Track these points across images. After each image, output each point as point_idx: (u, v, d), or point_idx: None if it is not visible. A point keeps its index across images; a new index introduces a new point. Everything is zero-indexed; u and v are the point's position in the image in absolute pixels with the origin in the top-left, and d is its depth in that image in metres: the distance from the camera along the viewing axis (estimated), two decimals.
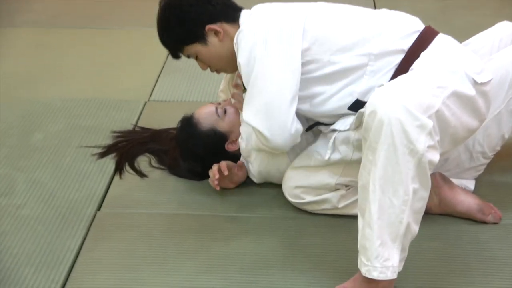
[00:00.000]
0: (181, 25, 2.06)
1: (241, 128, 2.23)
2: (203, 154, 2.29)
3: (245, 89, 2.06)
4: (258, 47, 1.94)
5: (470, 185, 2.25)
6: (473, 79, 1.82)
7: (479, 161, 2.21)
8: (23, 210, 2.22)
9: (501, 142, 2.19)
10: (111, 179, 2.39)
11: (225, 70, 2.21)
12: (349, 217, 2.10)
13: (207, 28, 2.05)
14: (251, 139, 2.17)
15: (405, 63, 1.92)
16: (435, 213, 2.14)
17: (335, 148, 2.02)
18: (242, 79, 2.03)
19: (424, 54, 1.91)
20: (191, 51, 2.11)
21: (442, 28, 2.09)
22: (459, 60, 1.88)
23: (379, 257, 1.71)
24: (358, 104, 1.96)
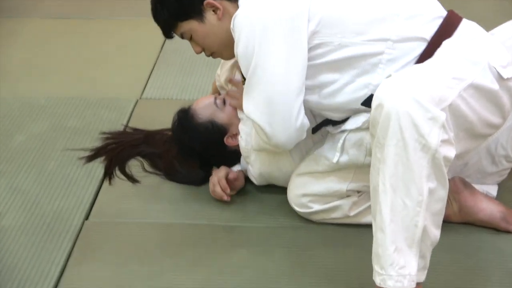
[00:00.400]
0: None
1: (240, 126, 2.21)
2: (201, 149, 2.26)
3: (244, 80, 2.00)
4: (256, 35, 1.87)
5: (492, 191, 2.21)
6: (498, 72, 1.77)
7: (502, 165, 2.18)
8: (3, 220, 2.19)
9: None
10: (99, 185, 2.36)
11: (221, 54, 2.14)
12: (361, 226, 2.08)
13: (206, 3, 1.99)
14: (250, 138, 2.15)
15: (428, 54, 1.85)
16: (455, 222, 2.10)
17: (344, 150, 1.98)
18: (240, 71, 1.99)
19: (446, 42, 1.85)
20: (185, 28, 2.04)
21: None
22: (484, 50, 1.82)
23: (394, 264, 1.66)
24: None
